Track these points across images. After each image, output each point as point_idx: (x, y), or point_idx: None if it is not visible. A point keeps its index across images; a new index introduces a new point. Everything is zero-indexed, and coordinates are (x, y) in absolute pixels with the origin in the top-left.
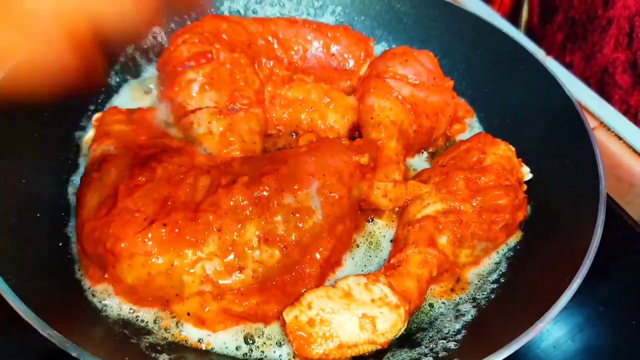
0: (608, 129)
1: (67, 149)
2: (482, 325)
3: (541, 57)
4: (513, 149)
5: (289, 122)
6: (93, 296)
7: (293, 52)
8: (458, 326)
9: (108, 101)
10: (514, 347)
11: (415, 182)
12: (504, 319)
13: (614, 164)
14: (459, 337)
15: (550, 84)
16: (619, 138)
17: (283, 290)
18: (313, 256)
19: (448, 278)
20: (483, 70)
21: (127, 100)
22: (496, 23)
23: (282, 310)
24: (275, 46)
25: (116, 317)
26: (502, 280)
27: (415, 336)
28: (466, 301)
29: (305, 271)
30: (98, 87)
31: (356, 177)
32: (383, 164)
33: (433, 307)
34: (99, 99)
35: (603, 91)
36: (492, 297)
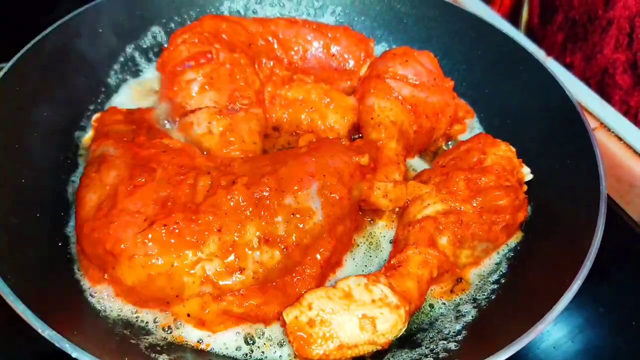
0: (608, 130)
1: (67, 149)
2: (483, 325)
3: (541, 58)
4: (513, 150)
5: (289, 123)
6: (92, 296)
7: (293, 53)
8: (458, 327)
9: (107, 101)
10: (515, 348)
11: (415, 183)
12: (505, 320)
13: (614, 165)
14: (460, 338)
15: (550, 85)
16: (619, 139)
17: (283, 291)
18: (313, 257)
19: (448, 279)
20: (483, 70)
21: (127, 100)
22: (496, 23)
23: (283, 311)
24: (275, 46)
25: (116, 318)
26: (503, 280)
27: (415, 337)
28: (467, 302)
29: (305, 272)
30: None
31: (356, 178)
32: (383, 165)
33: (433, 308)
34: (99, 99)
35: (603, 92)
36: (493, 298)
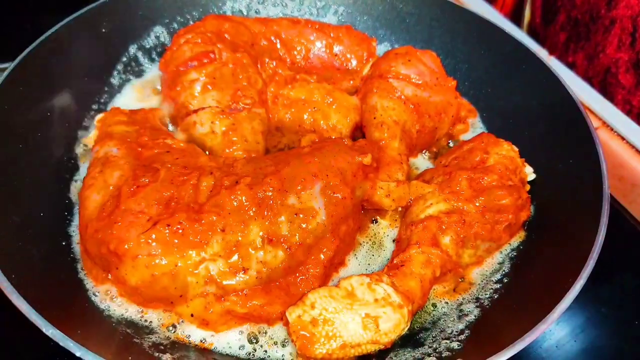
0: (611, 129)
1: (70, 149)
2: (486, 325)
3: (544, 57)
4: (516, 149)
5: (292, 122)
6: (96, 295)
7: (296, 52)
8: (461, 326)
9: (111, 101)
10: (518, 348)
11: (418, 182)
12: (508, 319)
13: (617, 164)
14: (463, 337)
15: (553, 84)
16: (622, 138)
17: (287, 291)
18: (317, 257)
19: (451, 278)
20: (486, 70)
21: (130, 100)
22: (498, 23)
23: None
24: (278, 46)
25: (119, 317)
26: (506, 280)
27: (418, 336)
28: (469, 301)
29: (309, 272)
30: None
31: (359, 178)
32: (386, 164)
33: (436, 307)
34: (102, 99)
35: (606, 91)
36: (496, 297)
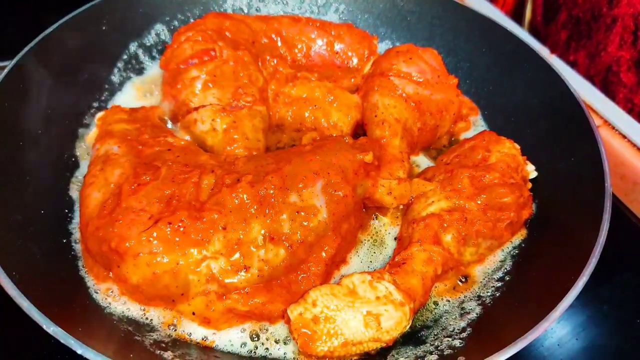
0: (612, 128)
1: (71, 146)
2: (487, 323)
3: (545, 56)
4: (518, 147)
5: (293, 120)
6: (97, 293)
7: (297, 50)
8: (463, 324)
9: (111, 98)
10: (520, 346)
11: (419, 180)
12: (509, 317)
13: (618, 163)
14: (464, 335)
15: (555, 82)
16: (623, 136)
17: (288, 289)
18: (318, 255)
19: (453, 276)
20: (487, 68)
21: (131, 97)
22: (500, 21)
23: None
24: (278, 44)
25: (120, 314)
26: (507, 278)
27: (420, 334)
28: (471, 299)
29: (310, 270)
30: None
31: (360, 175)
32: (387, 162)
33: (438, 305)
34: (102, 96)
35: (607, 90)
36: (497, 295)
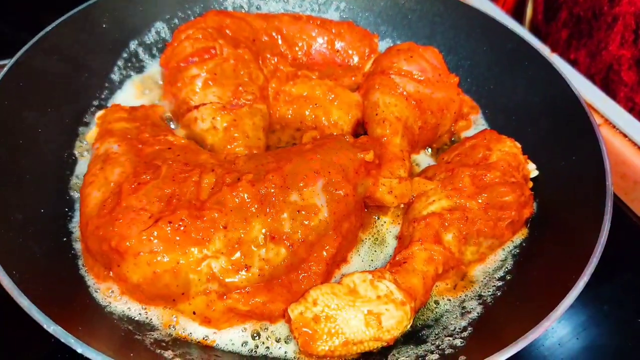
0: (613, 127)
1: (70, 145)
2: (488, 322)
3: (546, 54)
4: (519, 146)
5: (293, 119)
6: (97, 292)
7: (297, 48)
8: (464, 323)
9: (111, 97)
10: (521, 345)
11: (420, 179)
12: (510, 316)
13: (619, 162)
14: (465, 334)
15: (556, 81)
16: (624, 135)
17: (289, 288)
18: (319, 254)
19: (454, 275)
20: (488, 66)
21: (130, 95)
22: (501, 19)
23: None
24: (279, 42)
25: (121, 314)
26: (508, 277)
27: (421, 333)
28: (472, 298)
29: (311, 269)
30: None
31: (361, 174)
32: (388, 161)
33: (438, 304)
34: (102, 95)
35: (608, 88)
36: (498, 295)
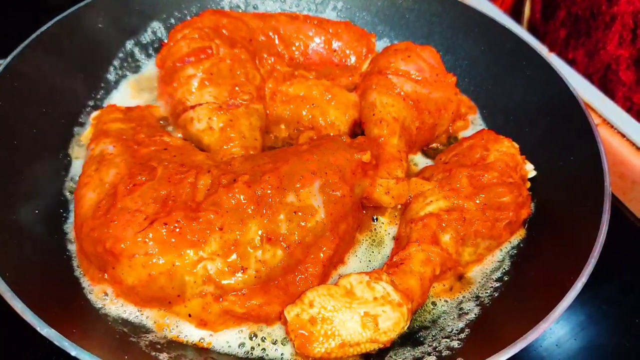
0: (611, 126)
1: (66, 146)
2: (486, 323)
3: (544, 54)
4: (517, 146)
5: (290, 119)
6: (92, 294)
7: (294, 48)
8: (461, 325)
9: (107, 97)
10: (519, 347)
11: (417, 179)
12: (508, 318)
13: (617, 161)
14: (463, 336)
15: (554, 81)
16: (622, 135)
17: (285, 290)
18: (316, 255)
19: (451, 276)
20: (486, 66)
21: (126, 95)
22: (499, 19)
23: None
24: (276, 42)
25: (116, 316)
26: (506, 278)
27: (418, 335)
28: (469, 299)
29: (308, 271)
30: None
31: (358, 175)
32: (385, 161)
33: (436, 306)
34: (98, 95)
35: (606, 88)
36: (496, 296)
